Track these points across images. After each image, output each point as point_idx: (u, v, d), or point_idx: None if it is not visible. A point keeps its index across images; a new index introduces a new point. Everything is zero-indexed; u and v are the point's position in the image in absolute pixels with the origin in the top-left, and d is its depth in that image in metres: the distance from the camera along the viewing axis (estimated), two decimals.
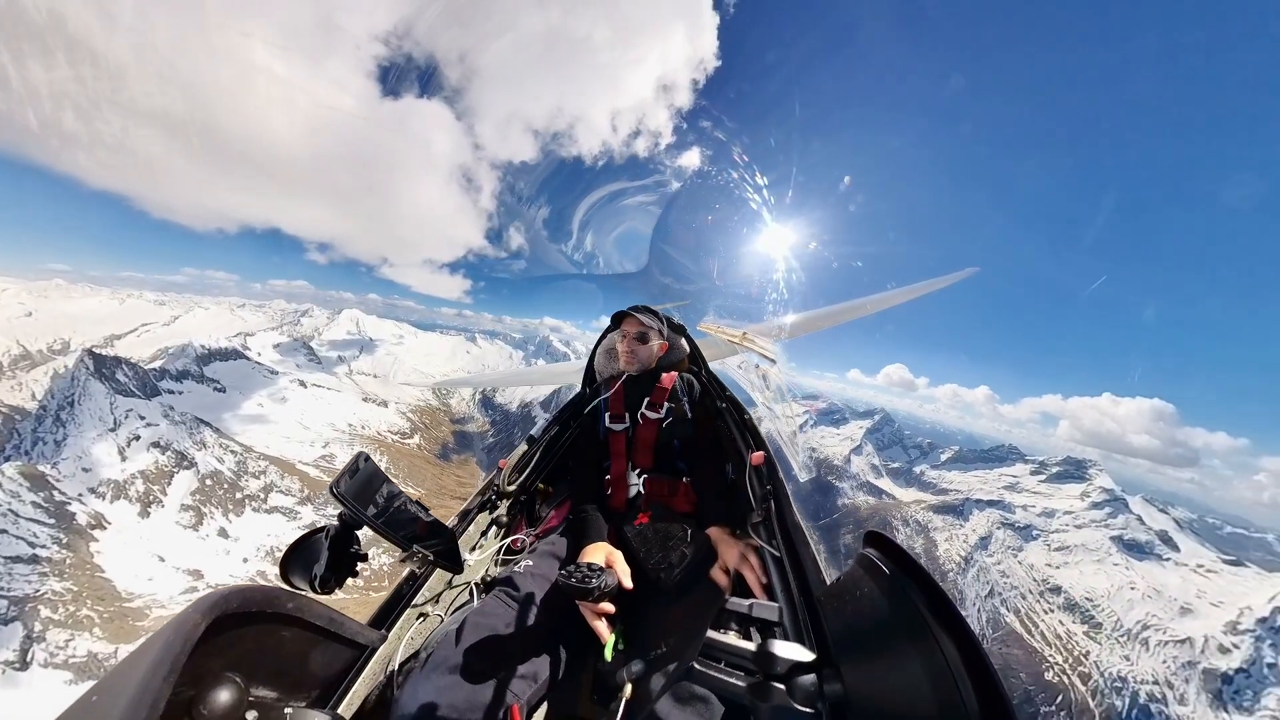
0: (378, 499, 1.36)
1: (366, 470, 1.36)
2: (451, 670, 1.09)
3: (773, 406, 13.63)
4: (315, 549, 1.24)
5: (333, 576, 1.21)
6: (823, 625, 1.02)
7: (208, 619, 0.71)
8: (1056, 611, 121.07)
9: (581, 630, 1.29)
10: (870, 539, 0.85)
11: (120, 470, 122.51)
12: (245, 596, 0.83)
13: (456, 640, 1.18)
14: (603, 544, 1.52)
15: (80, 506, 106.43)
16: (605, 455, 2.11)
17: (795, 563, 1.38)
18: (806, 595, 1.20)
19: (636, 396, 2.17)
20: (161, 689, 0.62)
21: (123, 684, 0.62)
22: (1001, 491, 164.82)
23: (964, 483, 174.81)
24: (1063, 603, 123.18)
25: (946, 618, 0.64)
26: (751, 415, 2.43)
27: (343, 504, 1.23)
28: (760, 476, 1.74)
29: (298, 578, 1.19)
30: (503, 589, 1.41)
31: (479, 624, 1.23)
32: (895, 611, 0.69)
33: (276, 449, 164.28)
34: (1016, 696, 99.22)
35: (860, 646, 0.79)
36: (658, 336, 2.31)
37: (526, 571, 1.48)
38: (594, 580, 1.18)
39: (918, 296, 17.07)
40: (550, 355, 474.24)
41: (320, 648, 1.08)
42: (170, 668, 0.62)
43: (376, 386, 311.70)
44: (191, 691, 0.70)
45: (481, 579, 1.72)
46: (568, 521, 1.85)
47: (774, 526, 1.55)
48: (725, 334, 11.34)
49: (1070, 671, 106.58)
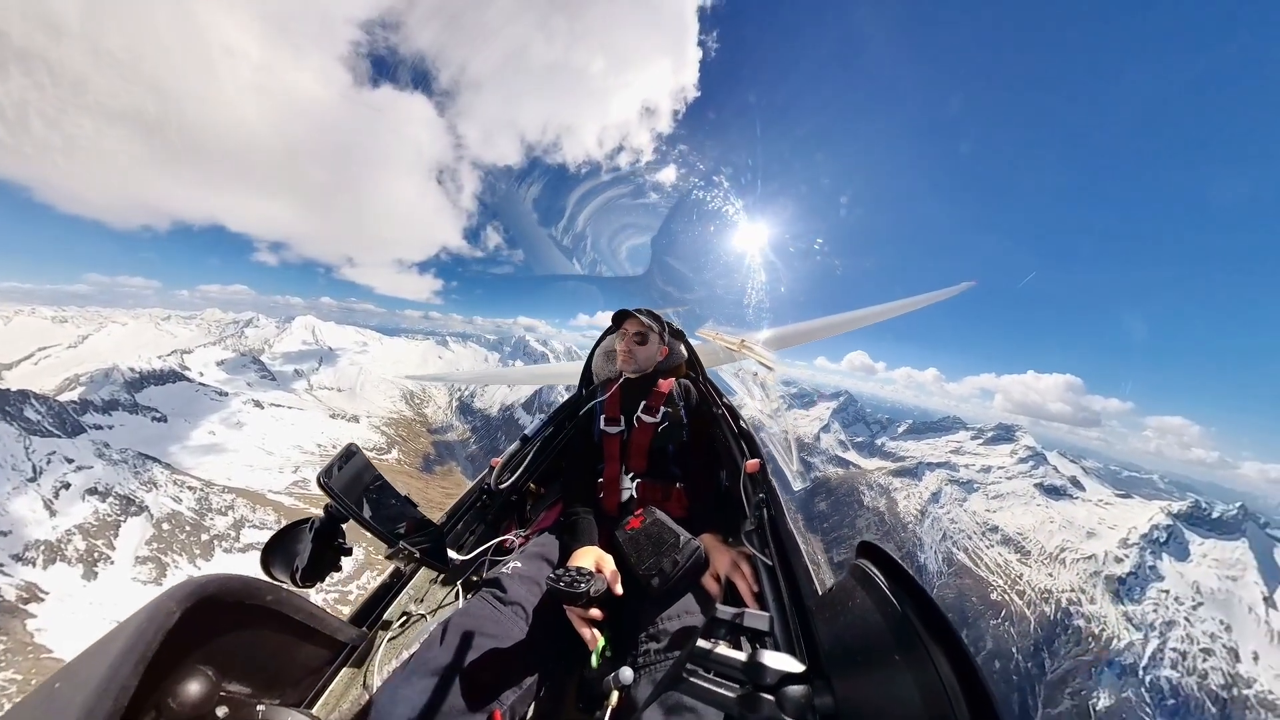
0: (366, 492, 1.32)
1: (356, 462, 1.32)
2: (434, 673, 1.05)
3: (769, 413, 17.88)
4: (298, 541, 1.20)
5: (315, 570, 1.16)
6: (814, 636, 0.98)
7: (183, 607, 0.68)
8: (995, 546, 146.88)
9: (569, 635, 1.26)
10: (863, 549, 0.81)
11: (51, 528, 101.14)
12: (223, 586, 0.81)
13: (440, 641, 1.14)
14: (594, 548, 1.49)
15: (4, 579, 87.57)
16: (599, 458, 2.05)
17: (787, 572, 1.34)
18: (798, 605, 1.17)
19: (633, 400, 2.12)
20: (130, 678, 0.59)
21: (89, 672, 0.59)
22: (948, 455, 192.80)
23: (918, 450, 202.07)
24: (1000, 539, 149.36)
25: (940, 632, 0.62)
26: (747, 422, 2.36)
27: (330, 496, 1.19)
28: (754, 484, 1.71)
29: (278, 570, 1.14)
30: (490, 590, 1.37)
31: (464, 625, 1.18)
32: (888, 624, 0.66)
33: (241, 480, 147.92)
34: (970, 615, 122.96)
35: (852, 659, 0.76)
36: (657, 340, 2.27)
37: (515, 573, 1.44)
38: (583, 584, 1.16)
39: (917, 309, 16.99)
40: (528, 356, 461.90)
41: (298, 643, 1.04)
42: (140, 656, 0.60)
43: (343, 401, 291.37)
44: (161, 682, 0.66)
45: (468, 579, 1.67)
46: (558, 523, 1.80)
47: (767, 535, 1.51)
48: (724, 341, 11.30)
49: (1009, 590, 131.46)
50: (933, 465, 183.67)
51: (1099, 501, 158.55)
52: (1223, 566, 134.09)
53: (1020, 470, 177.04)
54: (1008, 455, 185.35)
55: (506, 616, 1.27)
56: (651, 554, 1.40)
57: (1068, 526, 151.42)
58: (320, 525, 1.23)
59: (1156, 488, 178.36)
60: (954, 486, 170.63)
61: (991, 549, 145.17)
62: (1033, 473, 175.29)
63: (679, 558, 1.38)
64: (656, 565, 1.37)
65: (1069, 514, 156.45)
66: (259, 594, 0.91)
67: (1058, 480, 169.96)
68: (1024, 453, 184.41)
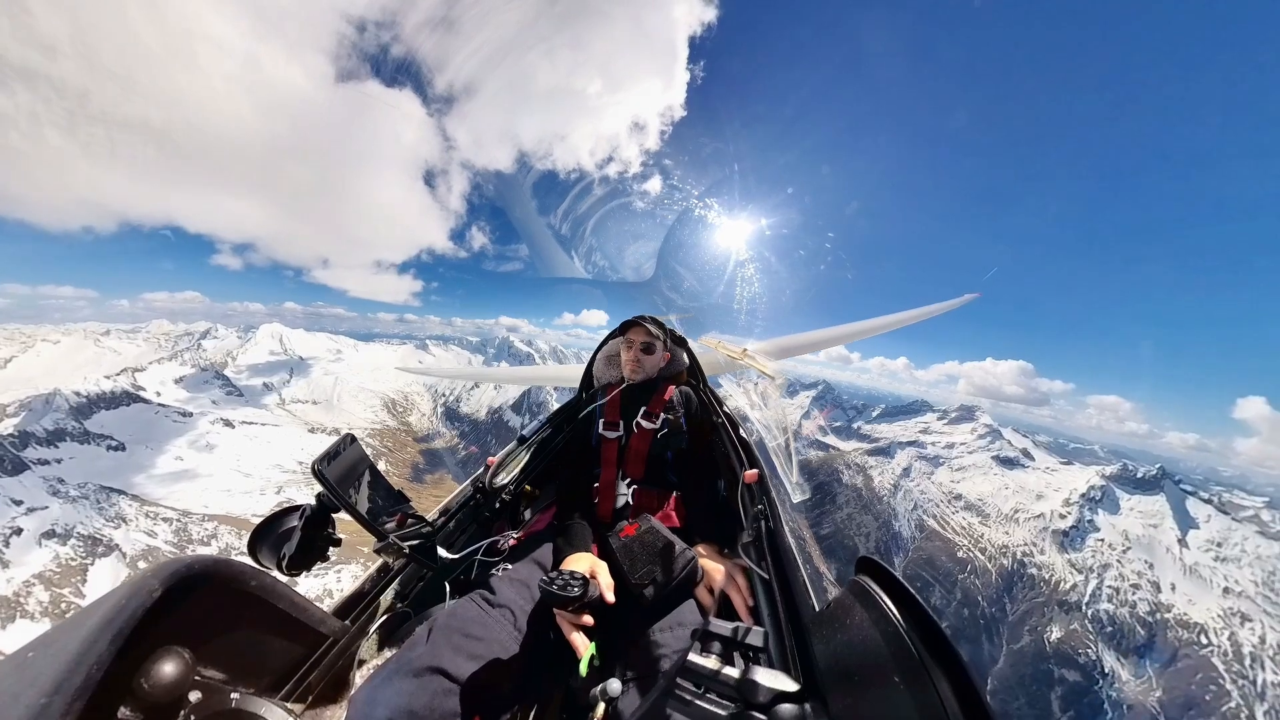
0: (359, 483, 1.30)
1: (352, 452, 1.30)
2: (416, 673, 1.00)
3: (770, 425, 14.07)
4: (287, 529, 1.18)
5: (303, 558, 1.14)
6: (810, 654, 0.93)
7: (165, 585, 0.67)
8: (960, 512, 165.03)
9: (557, 642, 1.22)
10: (863, 565, 0.79)
11: (5, 581, 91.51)
12: (208, 567, 0.79)
13: (424, 641, 1.10)
14: (587, 554, 1.46)
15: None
16: (595, 462, 2.01)
17: (784, 586, 1.27)
18: (794, 621, 1.11)
19: (633, 405, 2.08)
20: (105, 653, 0.57)
21: (64, 643, 0.58)
22: (917, 434, 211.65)
23: (890, 431, 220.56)
24: (963, 505, 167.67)
25: (942, 654, 0.57)
26: (746, 431, 2.30)
27: (323, 485, 1.18)
28: (752, 495, 1.67)
29: (265, 556, 1.12)
30: (479, 591, 1.33)
31: (450, 626, 1.14)
32: (887, 644, 0.63)
33: (220, 505, 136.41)
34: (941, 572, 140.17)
35: (848, 679, 0.73)
36: (661, 348, 2.26)
37: (505, 575, 1.41)
38: (575, 589, 1.12)
39: (918, 321, 16.29)
40: (514, 357, 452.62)
41: (279, 632, 1.02)
42: (118, 631, 0.59)
43: (320, 414, 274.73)
44: (136, 659, 0.65)
45: (457, 579, 1.63)
46: (552, 527, 1.77)
47: (764, 547, 1.44)
48: (726, 350, 10.64)
49: (973, 548, 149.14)
50: (903, 444, 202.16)
51: (1046, 469, 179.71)
52: (1146, 517, 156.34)
53: (980, 445, 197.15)
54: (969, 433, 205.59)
55: (494, 619, 1.22)
56: (645, 563, 1.36)
57: (1020, 491, 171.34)
58: (311, 513, 1.20)
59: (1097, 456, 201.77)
60: (922, 462, 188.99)
61: (956, 514, 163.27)
62: (990, 447, 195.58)
63: (673, 568, 1.34)
64: (650, 575, 1.32)
65: (1021, 481, 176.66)
66: (243, 578, 0.89)
67: (1011, 453, 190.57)
68: (983, 430, 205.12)
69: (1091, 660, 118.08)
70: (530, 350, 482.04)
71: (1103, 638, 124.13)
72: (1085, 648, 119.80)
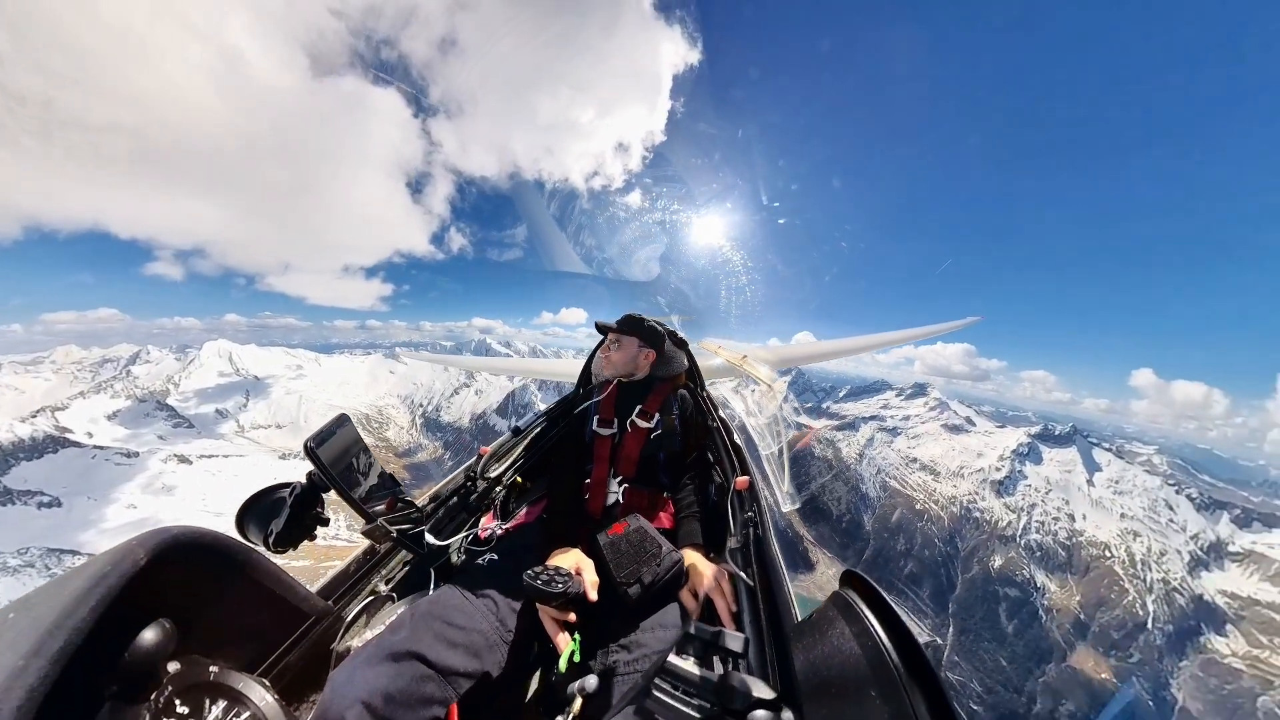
0: (351, 464, 1.28)
1: (346, 433, 1.29)
2: (395, 658, 1.00)
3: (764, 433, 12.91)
4: (276, 505, 1.15)
5: (290, 536, 1.13)
6: (790, 663, 0.93)
7: (150, 555, 0.66)
8: (916, 472, 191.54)
9: (538, 636, 1.23)
10: (847, 579, 0.79)
11: None
12: (194, 539, 0.78)
13: (406, 626, 1.09)
14: (574, 550, 1.46)
15: None
16: (588, 458, 1.99)
17: (769, 595, 1.27)
18: (776, 630, 1.11)
19: (629, 403, 2.08)
20: (86, 619, 0.57)
21: (45, 607, 0.57)
22: (879, 410, 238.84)
23: (855, 409, 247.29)
24: (918, 466, 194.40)
25: (919, 670, 0.58)
26: (739, 437, 2.30)
27: (314, 463, 1.17)
28: (743, 502, 1.66)
29: (253, 532, 1.11)
30: (462, 580, 1.33)
31: (432, 613, 1.14)
32: (867, 658, 0.63)
33: None
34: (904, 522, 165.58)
35: (826, 689, 0.73)
36: (634, 345, 2.22)
37: (490, 566, 1.40)
38: (559, 585, 1.12)
39: (921, 339, 16.27)
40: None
41: (263, 608, 1.02)
42: (100, 599, 0.58)
43: (286, 438, 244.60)
44: (117, 628, 0.64)
45: (443, 566, 1.62)
46: (540, 520, 1.77)
47: (751, 555, 1.44)
48: (726, 355, 10.86)
49: (929, 501, 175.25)
50: (866, 419, 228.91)
51: (985, 433, 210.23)
52: (1062, 465, 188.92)
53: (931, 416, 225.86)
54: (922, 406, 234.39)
55: (476, 609, 1.22)
56: (631, 562, 1.35)
57: (964, 452, 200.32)
58: (301, 492, 1.19)
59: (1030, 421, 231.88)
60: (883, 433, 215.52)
61: (913, 475, 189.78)
62: (940, 417, 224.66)
63: (659, 569, 1.33)
64: (635, 574, 1.32)
65: (965, 443, 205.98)
66: (230, 552, 0.89)
67: (957, 420, 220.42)
68: (934, 403, 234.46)
69: (1027, 579, 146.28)
70: (508, 352, 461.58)
71: (1033, 561, 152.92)
72: (1021, 570, 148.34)
